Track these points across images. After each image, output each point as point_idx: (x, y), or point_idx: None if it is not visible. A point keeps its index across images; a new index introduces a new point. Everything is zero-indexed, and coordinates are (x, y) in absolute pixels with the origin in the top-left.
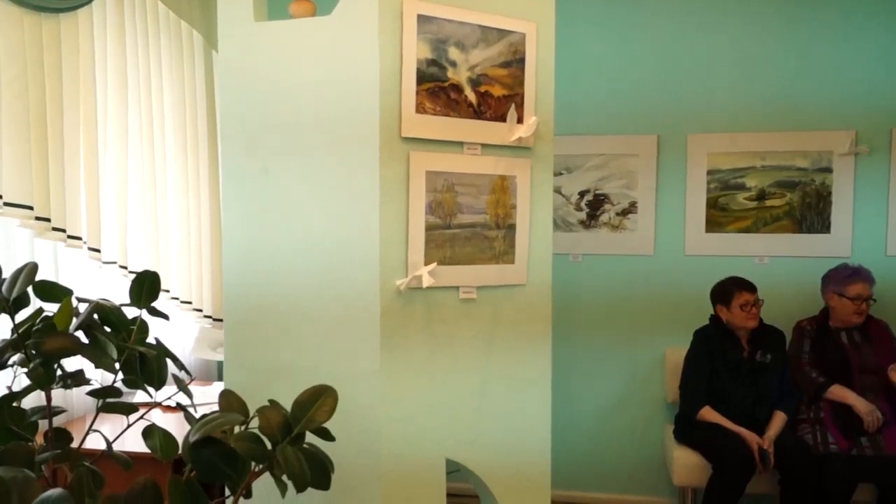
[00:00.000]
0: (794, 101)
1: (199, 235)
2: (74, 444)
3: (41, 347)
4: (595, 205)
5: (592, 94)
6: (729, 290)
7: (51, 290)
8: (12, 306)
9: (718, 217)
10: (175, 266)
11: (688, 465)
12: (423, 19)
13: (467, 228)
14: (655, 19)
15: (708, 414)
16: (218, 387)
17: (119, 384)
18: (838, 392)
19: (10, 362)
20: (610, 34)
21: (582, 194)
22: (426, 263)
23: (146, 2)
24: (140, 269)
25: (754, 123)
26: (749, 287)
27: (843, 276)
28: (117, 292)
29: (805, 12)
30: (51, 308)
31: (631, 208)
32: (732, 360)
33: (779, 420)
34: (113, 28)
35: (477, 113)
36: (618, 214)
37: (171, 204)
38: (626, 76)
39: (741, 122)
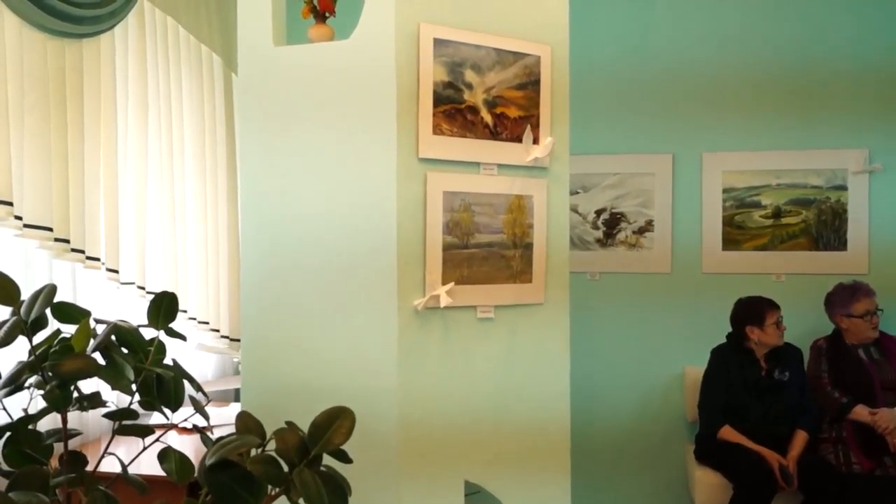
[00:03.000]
0: (808, 119)
1: (216, 255)
2: (89, 468)
3: (58, 369)
4: (612, 223)
5: (608, 113)
6: (762, 309)
7: (69, 312)
8: (30, 328)
9: (735, 235)
10: (193, 286)
11: (709, 485)
12: (439, 43)
13: (484, 248)
14: (669, 36)
15: (728, 433)
16: (235, 408)
17: (136, 406)
18: (862, 413)
19: (26, 384)
20: (624, 53)
21: (598, 213)
22: (444, 283)
23: (167, 26)
24: (158, 290)
25: (769, 142)
26: (777, 306)
27: (846, 297)
28: (135, 313)
29: (816, 30)
30: (69, 329)
31: (647, 226)
32: (750, 378)
33: (801, 439)
34: (134, 52)
35: (493, 134)
36: (634, 233)
37: (190, 225)
38: (641, 95)
39: (755, 140)
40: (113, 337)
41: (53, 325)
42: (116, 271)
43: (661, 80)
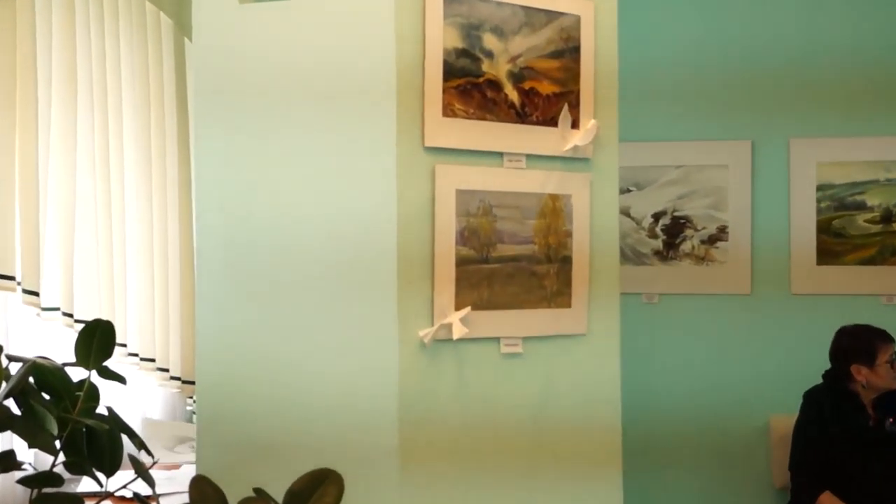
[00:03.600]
0: None
1: (165, 273)
2: None
3: None
4: (674, 230)
5: (667, 88)
6: (872, 343)
7: None
8: None
9: (833, 245)
10: (135, 313)
11: None
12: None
13: (510, 262)
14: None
15: (829, 502)
16: (188, 471)
17: (60, 469)
18: None
19: None
20: (689, 11)
21: (657, 217)
22: (457, 308)
23: None
24: (90, 318)
25: (876, 125)
26: (891, 338)
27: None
28: (60, 348)
29: None
30: None
31: (720, 234)
32: (855, 430)
33: None
34: (60, 12)
35: (520, 115)
36: (703, 242)
37: (131, 234)
38: (711, 64)
39: (858, 123)
40: (31, 379)
41: None
42: (36, 293)
43: (736, 45)
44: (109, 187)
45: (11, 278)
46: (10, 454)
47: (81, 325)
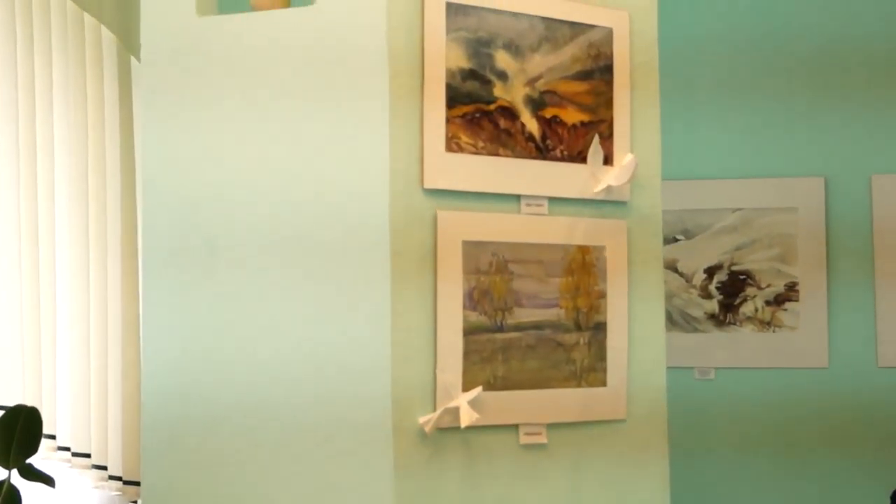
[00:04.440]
0: None
1: (104, 350)
2: None
3: None
4: (732, 289)
5: (720, 115)
6: None
7: None
8: None
9: None
10: (66, 399)
11: None
12: (454, 10)
13: (530, 331)
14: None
15: None
16: None
17: None
18: None
19: None
20: (745, 19)
21: (710, 272)
22: (465, 388)
23: None
24: (10, 403)
25: None
26: None
27: None
28: None
29: None
30: None
31: (789, 293)
32: None
33: None
34: None
35: (541, 150)
36: (768, 303)
37: (63, 303)
38: (772, 84)
39: None
40: None
41: None
42: None
43: (804, 60)
44: (36, 244)
45: None
46: None
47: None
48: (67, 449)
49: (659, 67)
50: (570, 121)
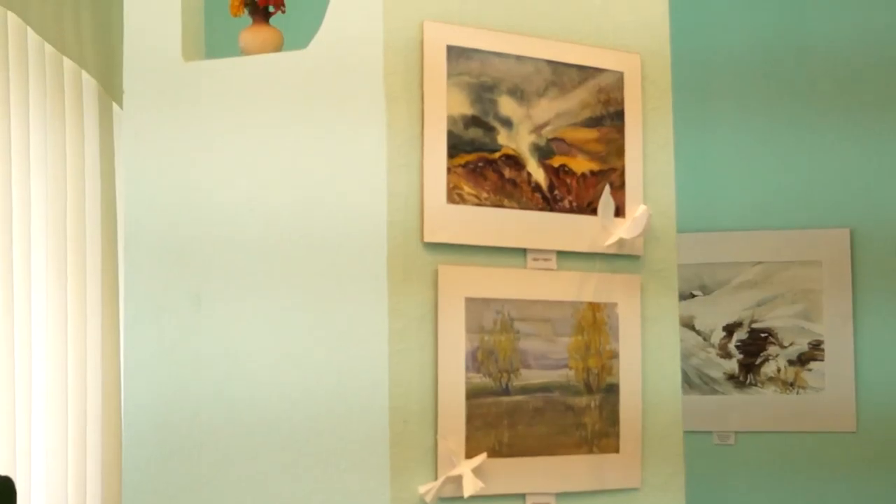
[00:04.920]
0: None
1: (82, 413)
2: None
3: None
4: (753, 347)
5: (738, 163)
6: None
7: None
8: None
9: None
10: (41, 466)
11: None
12: (456, 53)
13: (538, 394)
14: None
15: None
16: None
17: None
18: None
19: None
20: (763, 75)
21: (730, 330)
22: (468, 455)
23: (7, 28)
24: None
25: None
26: None
27: None
28: None
29: None
30: None
31: (814, 352)
32: None
33: None
34: None
35: (548, 201)
36: (792, 363)
37: (38, 362)
38: (794, 134)
39: None
40: None
41: None
42: None
43: (827, 105)
44: (11, 297)
45: None
46: None
47: None
48: None
49: (672, 111)
50: (579, 170)
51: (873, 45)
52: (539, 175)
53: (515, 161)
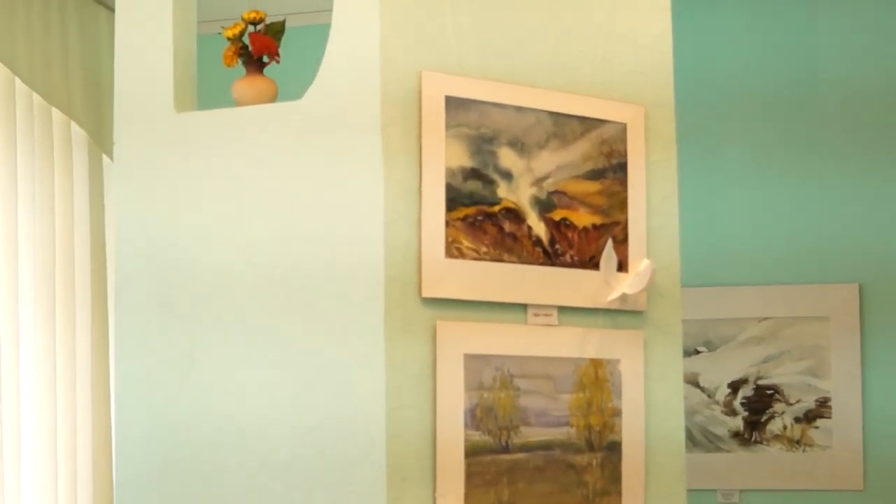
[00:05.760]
0: None
1: (73, 461)
2: None
3: None
4: (759, 404)
5: (744, 218)
6: None
7: None
8: None
9: None
10: (31, 494)
11: None
12: (455, 104)
13: (538, 452)
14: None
15: None
16: None
17: None
18: None
19: None
20: (769, 129)
21: (735, 387)
22: None
23: None
24: None
25: None
26: None
27: None
28: None
29: None
30: None
31: (821, 409)
32: None
33: None
34: None
35: (549, 255)
36: (798, 420)
37: (26, 411)
38: (801, 189)
39: None
40: None
41: None
42: None
43: (835, 160)
44: None
45: None
46: None
47: None
48: None
49: (677, 162)
50: (580, 223)
51: (879, 98)
52: (540, 229)
53: (515, 214)
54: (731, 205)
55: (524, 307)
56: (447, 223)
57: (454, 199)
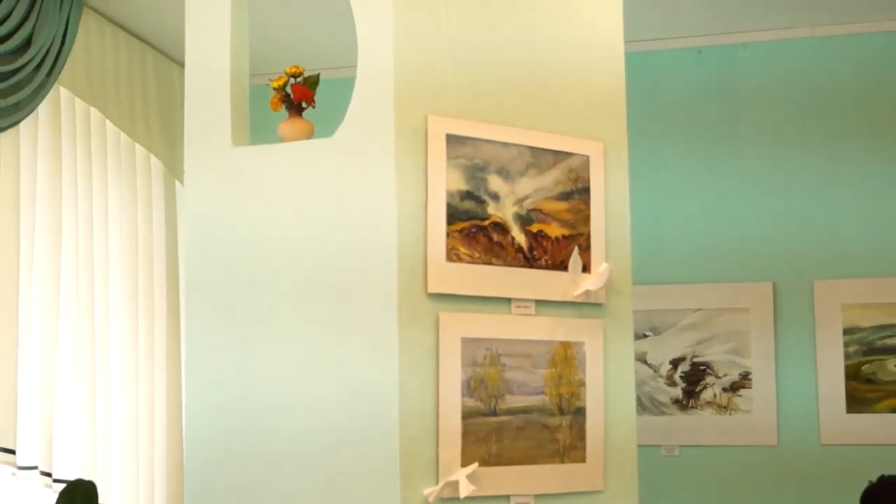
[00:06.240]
0: None
1: (151, 429)
2: None
3: None
4: (694, 377)
5: (682, 230)
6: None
7: None
8: None
9: (864, 392)
10: (119, 472)
11: None
12: (454, 140)
13: (519, 415)
14: (761, 134)
15: None
16: None
17: None
18: None
19: None
20: (702, 153)
21: (675, 363)
22: (463, 464)
23: (91, 120)
24: (70, 478)
25: None
26: None
27: None
28: None
29: None
30: None
31: (743, 381)
32: None
33: None
34: (46, 155)
35: (528, 260)
36: (725, 390)
37: (116, 387)
38: (727, 206)
39: (884, 263)
40: None
41: None
42: (13, 451)
43: (755, 183)
44: (93, 338)
45: None
46: None
47: (61, 486)
48: None
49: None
50: (553, 234)
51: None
52: (521, 239)
53: (502, 227)
54: (673, 219)
55: (508, 301)
56: (448, 234)
57: (453, 215)
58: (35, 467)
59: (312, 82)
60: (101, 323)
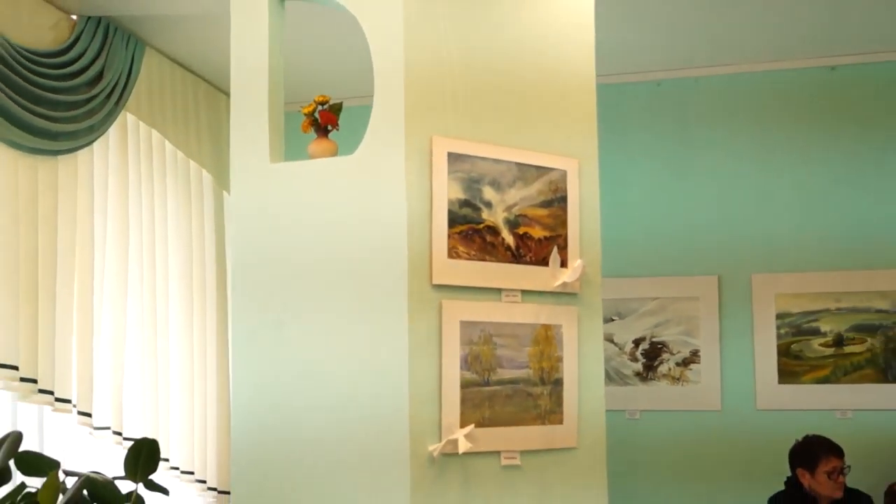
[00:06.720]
0: (869, 237)
1: (204, 396)
2: None
3: None
4: (652, 354)
5: (643, 232)
6: (814, 453)
7: (35, 463)
8: None
9: (792, 366)
10: (177, 431)
11: None
12: (454, 157)
13: (508, 385)
14: (709, 151)
15: None
16: None
17: None
18: None
19: None
20: (660, 168)
21: (637, 342)
22: (462, 425)
23: (152, 141)
24: (137, 436)
25: (826, 261)
26: (836, 451)
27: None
28: (111, 463)
29: (874, 146)
30: (34, 483)
31: (693, 357)
32: None
33: None
34: (115, 170)
35: (516, 257)
36: (678, 365)
37: (174, 362)
38: (680, 212)
39: (811, 259)
40: (85, 491)
41: (17, 477)
42: (89, 415)
43: (704, 192)
44: (156, 322)
45: (68, 401)
46: None
47: (130, 443)
48: (177, 468)
49: (599, 198)
50: (536, 236)
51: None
52: (510, 239)
53: (494, 230)
54: (636, 223)
55: (499, 291)
56: (449, 235)
57: (453, 220)
58: (108, 427)
59: (337, 109)
60: (162, 311)
